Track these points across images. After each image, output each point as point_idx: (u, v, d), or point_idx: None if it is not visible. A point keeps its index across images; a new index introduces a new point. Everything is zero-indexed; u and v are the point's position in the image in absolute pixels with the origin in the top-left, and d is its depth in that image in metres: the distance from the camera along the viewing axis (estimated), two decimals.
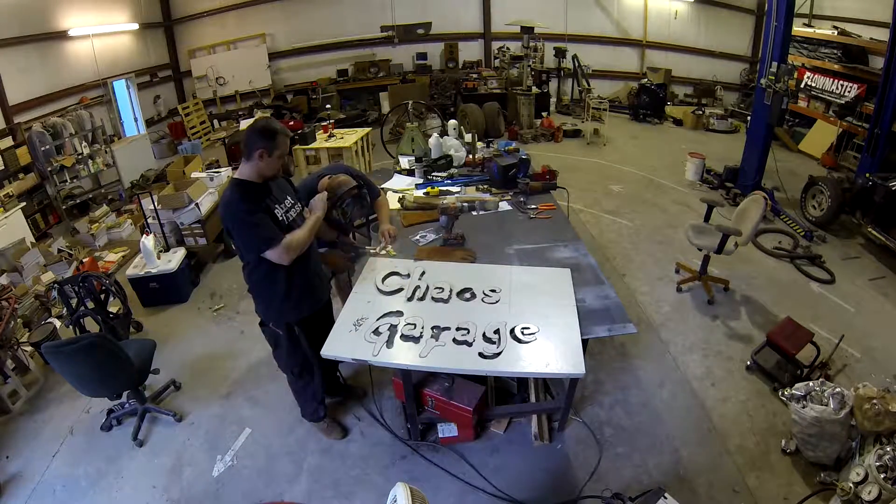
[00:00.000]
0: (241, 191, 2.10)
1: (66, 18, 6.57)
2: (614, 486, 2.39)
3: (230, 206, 2.08)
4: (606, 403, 2.97)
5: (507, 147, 4.15)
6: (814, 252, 4.51)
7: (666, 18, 9.80)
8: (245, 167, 2.12)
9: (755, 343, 3.40)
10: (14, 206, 4.98)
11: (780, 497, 2.41)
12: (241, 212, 2.06)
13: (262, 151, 2.06)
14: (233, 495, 2.54)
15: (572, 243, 3.03)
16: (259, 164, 2.09)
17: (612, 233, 5.05)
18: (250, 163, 2.10)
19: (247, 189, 2.11)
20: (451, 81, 9.06)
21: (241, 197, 2.08)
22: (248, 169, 2.12)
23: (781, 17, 4.88)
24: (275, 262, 2.15)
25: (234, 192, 2.10)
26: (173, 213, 4.49)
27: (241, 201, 2.07)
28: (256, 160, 2.08)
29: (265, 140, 2.05)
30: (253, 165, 2.10)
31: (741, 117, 8.63)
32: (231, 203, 2.08)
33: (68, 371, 2.54)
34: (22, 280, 4.36)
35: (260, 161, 2.08)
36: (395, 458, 2.67)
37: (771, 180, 5.63)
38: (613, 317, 2.36)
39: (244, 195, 2.09)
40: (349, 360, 2.20)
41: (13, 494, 2.62)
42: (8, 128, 5.64)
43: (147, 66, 8.36)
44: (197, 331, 3.86)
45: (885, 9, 5.47)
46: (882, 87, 4.87)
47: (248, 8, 9.09)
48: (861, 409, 2.31)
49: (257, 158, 2.07)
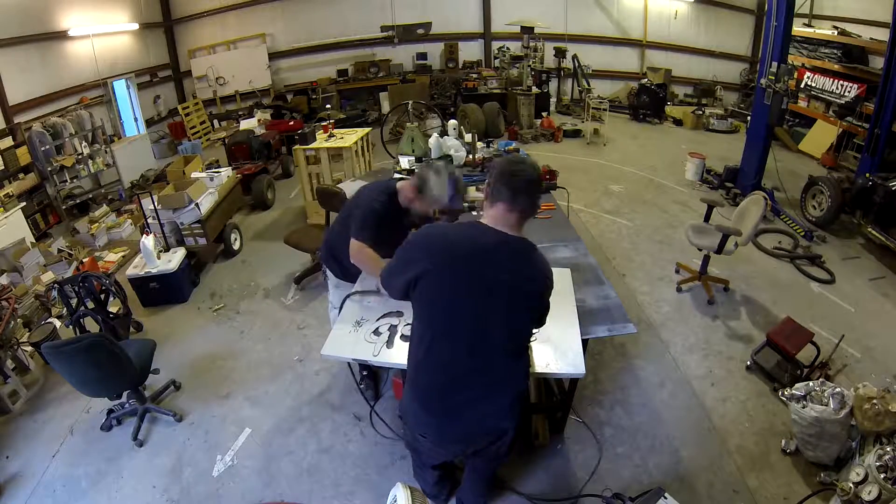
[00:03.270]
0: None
1: (66, 18, 6.57)
2: (614, 486, 2.39)
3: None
4: (606, 403, 2.97)
5: (507, 147, 4.16)
6: (814, 252, 4.51)
7: (666, 18, 9.80)
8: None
9: (755, 343, 3.39)
10: (14, 206, 4.98)
11: (780, 497, 2.41)
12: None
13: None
14: (233, 495, 2.54)
15: (572, 243, 3.03)
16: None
17: (612, 233, 5.05)
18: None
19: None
20: (451, 81, 9.06)
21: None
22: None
23: (781, 17, 4.89)
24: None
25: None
26: (173, 213, 4.49)
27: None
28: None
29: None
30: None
31: (741, 117, 8.63)
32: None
33: (68, 371, 2.54)
34: (22, 280, 4.36)
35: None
36: (395, 458, 2.66)
37: (771, 180, 5.63)
38: (613, 317, 2.36)
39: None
40: (349, 360, 2.19)
41: (13, 494, 2.62)
42: (8, 128, 5.64)
43: (147, 66, 8.36)
44: (197, 331, 3.86)
45: (885, 9, 5.47)
46: (882, 87, 4.87)
47: (248, 8, 9.09)
48: (861, 409, 2.31)
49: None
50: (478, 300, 1.63)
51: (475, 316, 1.64)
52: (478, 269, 1.63)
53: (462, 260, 1.65)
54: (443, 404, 1.71)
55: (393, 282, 1.77)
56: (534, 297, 1.70)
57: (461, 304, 1.65)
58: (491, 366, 1.68)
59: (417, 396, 1.75)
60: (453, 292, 1.65)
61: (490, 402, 1.71)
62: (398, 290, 1.75)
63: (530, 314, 1.72)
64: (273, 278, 4.45)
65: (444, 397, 1.70)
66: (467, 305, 1.64)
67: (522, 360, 1.78)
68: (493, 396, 1.71)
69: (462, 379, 1.69)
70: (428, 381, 1.73)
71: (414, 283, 1.67)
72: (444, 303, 1.66)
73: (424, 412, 1.75)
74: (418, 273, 1.66)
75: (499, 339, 1.67)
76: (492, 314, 1.64)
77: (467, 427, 1.74)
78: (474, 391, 1.69)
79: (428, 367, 1.71)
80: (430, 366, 1.70)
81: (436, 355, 1.68)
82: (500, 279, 1.63)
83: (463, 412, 1.71)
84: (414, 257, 1.71)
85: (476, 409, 1.70)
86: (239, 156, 6.25)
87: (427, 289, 1.66)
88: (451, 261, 1.65)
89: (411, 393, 1.76)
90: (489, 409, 1.71)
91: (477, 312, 1.64)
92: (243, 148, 6.26)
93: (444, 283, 1.65)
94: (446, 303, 1.66)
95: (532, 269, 1.69)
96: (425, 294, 1.67)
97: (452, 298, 1.65)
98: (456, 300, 1.65)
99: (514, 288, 1.65)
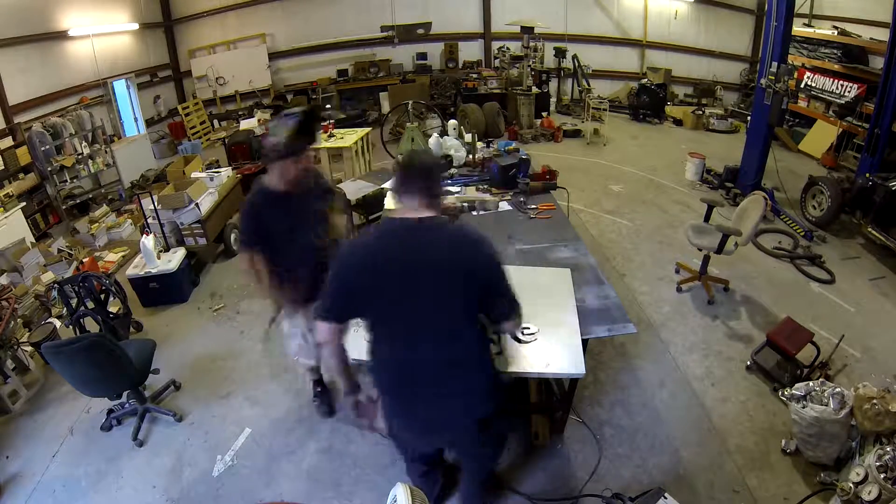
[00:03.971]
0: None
1: (65, 18, 6.57)
2: (614, 486, 2.39)
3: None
4: (606, 403, 2.97)
5: (507, 147, 4.16)
6: (814, 252, 4.51)
7: (666, 18, 9.79)
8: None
9: (755, 343, 3.39)
10: (14, 206, 4.98)
11: (780, 497, 2.41)
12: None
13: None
14: (233, 495, 2.54)
15: (572, 243, 3.03)
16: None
17: (612, 233, 5.05)
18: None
19: None
20: (451, 81, 9.05)
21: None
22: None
23: (781, 17, 4.88)
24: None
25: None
26: (173, 213, 4.49)
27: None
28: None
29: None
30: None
31: (741, 117, 8.62)
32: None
33: (68, 371, 2.54)
34: (22, 280, 4.36)
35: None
36: (395, 458, 2.66)
37: (771, 180, 5.63)
38: (613, 317, 2.36)
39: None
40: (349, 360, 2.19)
41: (13, 494, 2.62)
42: (8, 128, 5.64)
43: (147, 66, 8.36)
44: (197, 331, 3.86)
45: (885, 9, 5.46)
46: (882, 87, 4.87)
47: (248, 8, 9.08)
48: (861, 409, 2.31)
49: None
50: (408, 288, 1.60)
51: (411, 306, 1.63)
52: (398, 255, 1.61)
53: (382, 254, 1.64)
54: (408, 396, 1.76)
55: (327, 310, 1.69)
56: (461, 267, 1.61)
57: (393, 297, 1.63)
58: (446, 352, 1.67)
59: (385, 391, 1.80)
60: (381, 289, 1.63)
61: (455, 389, 1.71)
62: (336, 313, 1.68)
63: (466, 288, 1.62)
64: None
65: (408, 391, 1.75)
66: (400, 298, 1.62)
67: (480, 343, 1.75)
68: (457, 383, 1.71)
69: (421, 370, 1.70)
70: (389, 379, 1.77)
71: (348, 298, 1.66)
72: (378, 302, 1.65)
73: (393, 403, 1.81)
74: (349, 294, 1.66)
75: (443, 321, 1.65)
76: (424, 298, 1.61)
77: (436, 416, 1.77)
78: (436, 382, 1.71)
79: (385, 367, 1.74)
80: (387, 365, 1.74)
81: (386, 353, 1.71)
82: (434, 265, 1.60)
83: (431, 402, 1.74)
84: (340, 282, 1.68)
85: (442, 398, 1.72)
86: (239, 156, 6.26)
87: (361, 295, 1.65)
88: (373, 260, 1.64)
89: (379, 389, 1.81)
90: (457, 396, 1.72)
91: (411, 302, 1.62)
92: (243, 148, 6.27)
93: (377, 293, 1.63)
94: (381, 302, 1.64)
95: (466, 246, 1.64)
96: (361, 301, 1.66)
97: (390, 307, 1.64)
98: (387, 294, 1.63)
99: (439, 264, 1.60)
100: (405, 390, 1.76)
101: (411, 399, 1.77)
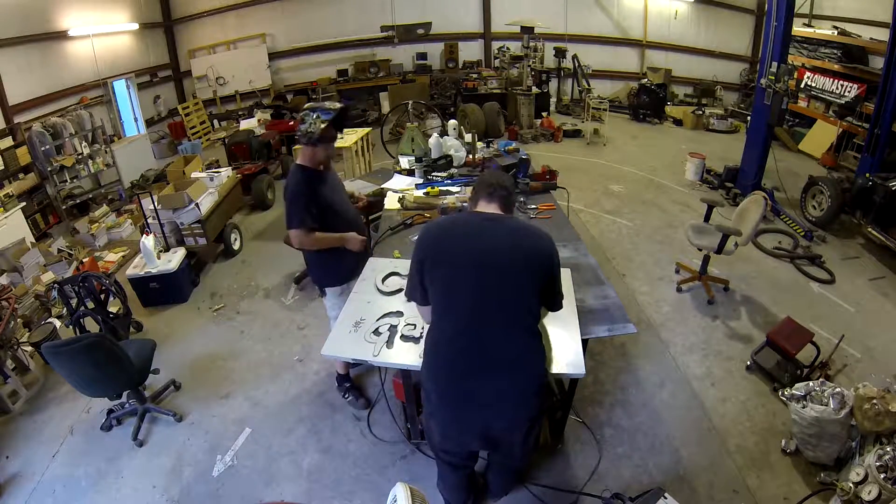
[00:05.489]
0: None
1: (66, 18, 6.56)
2: (614, 486, 2.39)
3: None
4: (606, 403, 2.97)
5: (507, 147, 4.16)
6: (814, 252, 4.51)
7: (666, 18, 9.80)
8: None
9: (755, 343, 3.40)
10: (14, 206, 4.98)
11: (780, 497, 2.41)
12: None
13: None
14: (233, 495, 2.54)
15: (572, 243, 3.03)
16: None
17: (612, 233, 5.05)
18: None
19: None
20: (451, 81, 9.06)
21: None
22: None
23: (781, 17, 4.89)
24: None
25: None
26: (173, 213, 4.49)
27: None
28: None
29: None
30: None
31: (741, 117, 8.63)
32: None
33: (68, 371, 2.54)
34: (22, 280, 4.36)
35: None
36: (395, 458, 2.67)
37: (771, 180, 5.63)
38: (613, 317, 2.36)
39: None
40: (349, 359, 2.19)
41: (13, 494, 2.62)
42: (8, 128, 5.63)
43: (147, 66, 8.36)
44: (197, 331, 3.86)
45: (885, 9, 5.46)
46: (882, 87, 4.87)
47: (248, 8, 9.09)
48: (861, 409, 2.31)
49: None
50: (477, 270, 1.71)
51: (479, 286, 1.70)
52: (474, 242, 1.74)
53: (458, 238, 1.78)
54: (458, 387, 1.72)
55: (413, 289, 1.86)
56: (534, 259, 1.73)
57: (463, 275, 1.71)
58: (501, 340, 1.69)
59: (433, 377, 1.77)
60: (452, 267, 1.74)
61: (506, 385, 1.69)
62: (419, 293, 1.82)
63: (534, 281, 1.72)
64: (273, 278, 4.45)
65: (459, 379, 1.71)
66: (468, 277, 1.71)
67: (537, 339, 1.76)
68: (508, 378, 1.69)
69: (475, 356, 1.68)
70: (441, 363, 1.75)
71: (422, 276, 1.77)
72: (446, 280, 1.74)
73: (440, 399, 1.78)
74: (421, 265, 1.77)
75: (508, 309, 1.70)
76: (493, 283, 1.69)
77: (482, 413, 1.73)
78: (489, 372, 1.68)
79: (441, 345, 1.75)
80: (443, 342, 1.74)
81: (447, 331, 1.73)
82: (497, 248, 1.71)
83: (478, 396, 1.70)
84: (416, 256, 1.81)
85: (491, 393, 1.69)
86: (239, 156, 6.25)
87: (431, 273, 1.76)
88: (446, 241, 1.79)
89: (427, 374, 1.79)
90: (506, 393, 1.69)
91: (479, 283, 1.70)
92: (243, 148, 6.26)
93: (444, 261, 1.75)
94: (448, 279, 1.73)
95: (529, 237, 1.79)
96: (429, 278, 1.76)
97: (453, 273, 1.73)
98: (457, 273, 1.72)
99: (514, 250, 1.72)
100: (460, 376, 1.71)
101: (464, 390, 1.71)
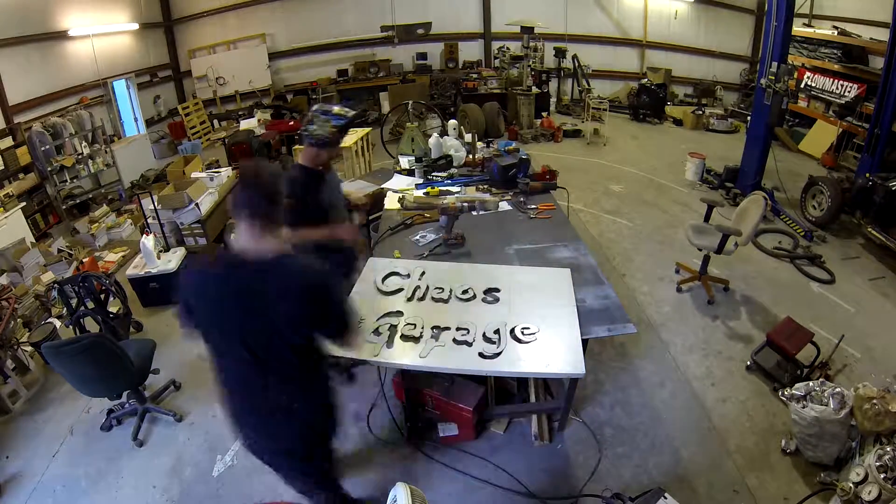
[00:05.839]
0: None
1: (66, 18, 6.57)
2: (614, 486, 2.39)
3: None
4: (606, 403, 2.97)
5: (507, 147, 4.14)
6: (814, 252, 4.51)
7: (666, 18, 9.80)
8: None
9: (755, 343, 3.40)
10: (14, 206, 4.98)
11: (780, 497, 2.41)
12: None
13: None
14: (233, 495, 2.54)
15: (572, 243, 3.03)
16: None
17: (612, 233, 5.05)
18: None
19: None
20: (451, 81, 9.05)
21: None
22: None
23: (781, 17, 4.88)
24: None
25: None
26: (173, 213, 4.49)
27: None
28: None
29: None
30: None
31: (741, 117, 8.62)
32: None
33: (68, 371, 2.54)
34: (22, 280, 4.36)
35: None
36: (396, 458, 2.67)
37: (771, 180, 5.63)
38: (613, 317, 2.36)
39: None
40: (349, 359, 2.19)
41: (13, 494, 2.63)
42: (8, 128, 5.63)
43: (147, 66, 8.35)
44: None
45: (885, 9, 5.46)
46: (882, 87, 4.86)
47: (248, 8, 9.08)
48: (861, 409, 2.31)
49: None
50: (224, 319, 1.64)
51: (228, 338, 1.66)
52: (219, 302, 1.63)
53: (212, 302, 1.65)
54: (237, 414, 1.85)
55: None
56: (267, 304, 1.53)
57: (213, 327, 1.70)
58: (260, 387, 1.71)
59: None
60: (207, 321, 1.71)
61: (267, 427, 1.77)
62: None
63: (273, 325, 1.56)
64: None
65: (237, 410, 1.85)
66: (220, 329, 1.68)
67: (294, 383, 1.69)
68: (269, 423, 1.76)
69: (247, 399, 1.80)
70: (223, 396, 1.85)
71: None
72: (203, 329, 1.73)
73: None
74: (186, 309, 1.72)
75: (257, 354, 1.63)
76: (233, 333, 1.62)
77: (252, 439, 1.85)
78: (255, 412, 1.79)
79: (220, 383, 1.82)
80: (221, 382, 1.82)
81: (220, 373, 1.82)
82: (236, 306, 1.58)
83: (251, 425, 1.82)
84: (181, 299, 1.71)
85: (256, 430, 1.82)
86: (239, 156, 6.25)
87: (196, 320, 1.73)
88: (202, 302, 1.68)
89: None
90: (267, 432, 1.79)
91: (225, 330, 1.65)
92: (243, 148, 6.27)
93: (201, 316, 1.71)
94: (204, 330, 1.73)
95: (269, 286, 1.53)
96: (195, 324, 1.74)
97: (207, 327, 1.72)
98: (211, 326, 1.71)
99: (251, 304, 1.56)
100: (237, 408, 1.86)
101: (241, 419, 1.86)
